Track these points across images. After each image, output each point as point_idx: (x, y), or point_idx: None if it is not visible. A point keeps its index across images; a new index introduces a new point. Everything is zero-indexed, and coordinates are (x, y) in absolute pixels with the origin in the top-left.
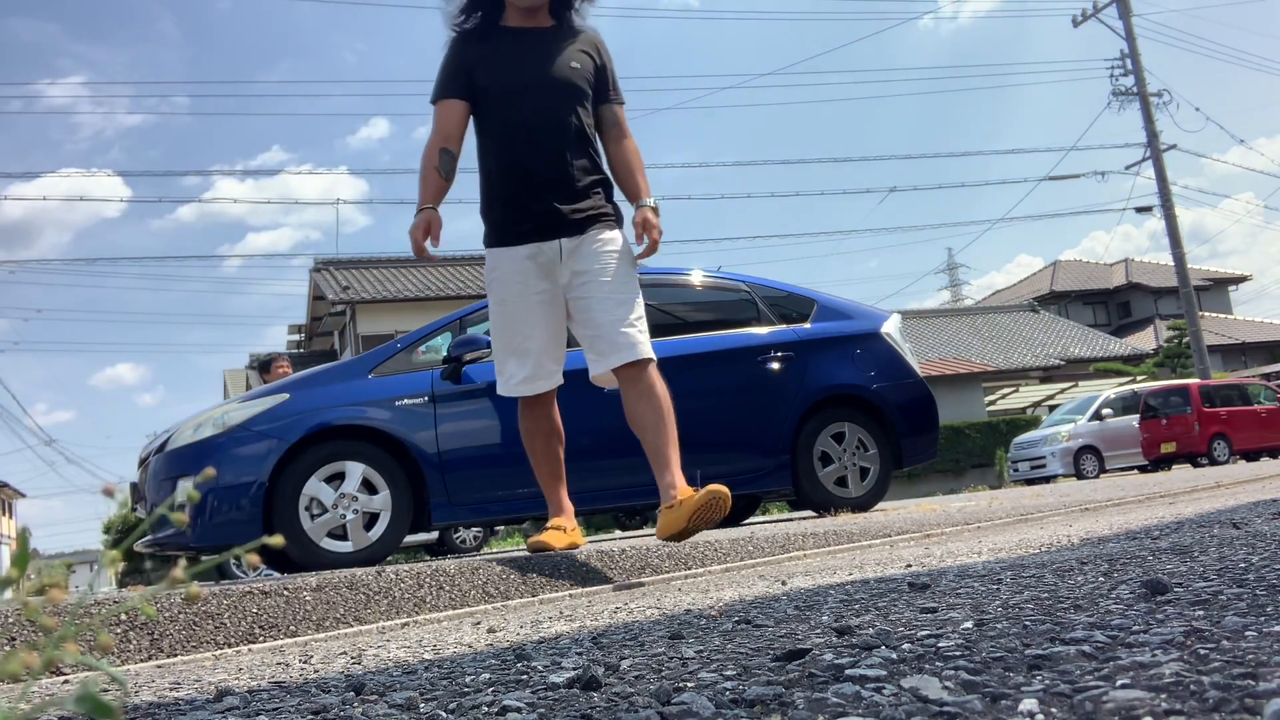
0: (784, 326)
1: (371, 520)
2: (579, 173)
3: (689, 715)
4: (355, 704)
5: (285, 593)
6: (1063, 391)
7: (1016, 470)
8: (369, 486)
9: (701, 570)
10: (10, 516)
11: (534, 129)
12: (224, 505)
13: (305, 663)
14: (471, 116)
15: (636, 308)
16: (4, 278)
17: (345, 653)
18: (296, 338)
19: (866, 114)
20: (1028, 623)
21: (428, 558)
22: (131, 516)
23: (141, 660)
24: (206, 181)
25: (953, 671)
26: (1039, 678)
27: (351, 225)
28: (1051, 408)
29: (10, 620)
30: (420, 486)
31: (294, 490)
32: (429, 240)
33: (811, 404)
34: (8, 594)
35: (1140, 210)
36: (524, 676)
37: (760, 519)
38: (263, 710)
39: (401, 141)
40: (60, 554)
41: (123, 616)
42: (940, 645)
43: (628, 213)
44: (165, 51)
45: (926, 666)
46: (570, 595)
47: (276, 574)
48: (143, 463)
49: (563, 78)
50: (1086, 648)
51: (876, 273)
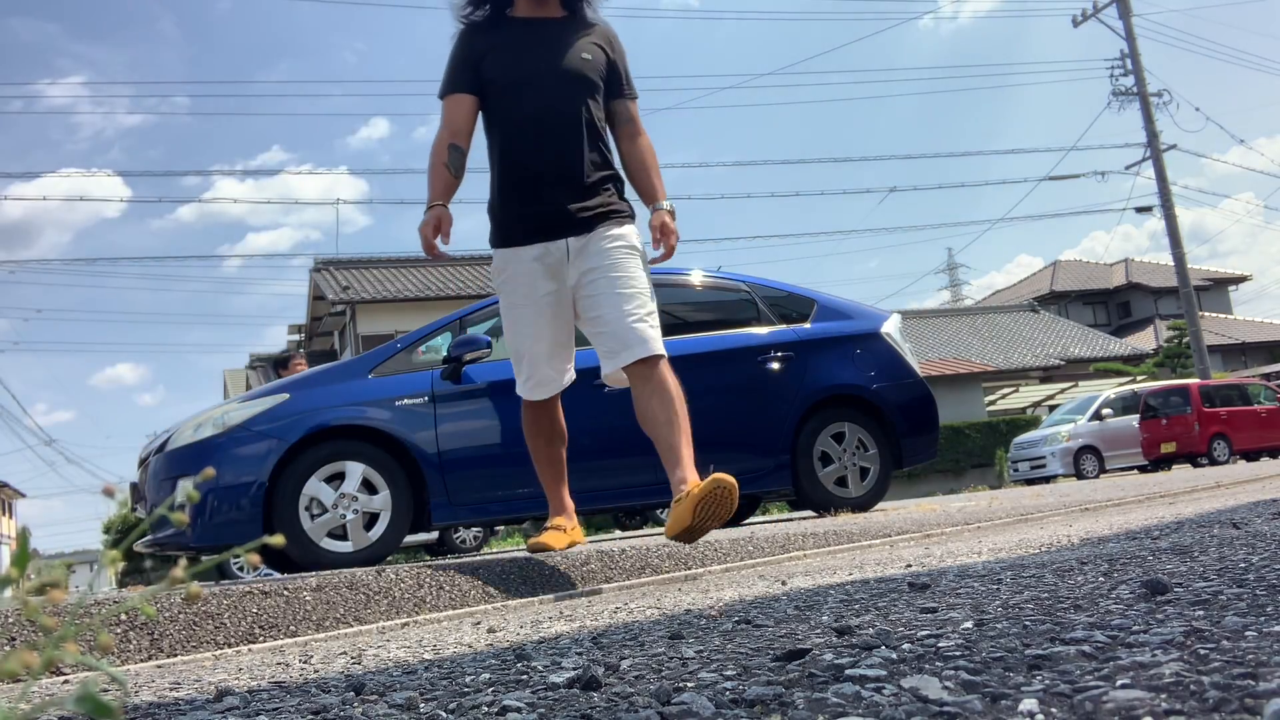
0: (784, 326)
1: (371, 520)
2: (589, 168)
3: (689, 715)
4: (355, 704)
5: (285, 593)
6: (1063, 391)
7: (1016, 470)
8: (369, 486)
9: (701, 570)
10: (10, 516)
11: (541, 122)
12: (224, 505)
13: (305, 663)
14: (481, 111)
15: (647, 303)
16: (4, 278)
17: (345, 653)
18: (296, 338)
19: (866, 114)
20: (1028, 623)
21: (428, 558)
22: (131, 516)
23: (141, 660)
24: (206, 181)
25: (953, 671)
26: (1039, 678)
27: (351, 225)
28: (1051, 408)
29: (10, 620)
30: (420, 486)
31: (294, 490)
32: (439, 238)
33: (811, 404)
34: (8, 594)
35: (1140, 210)
36: (524, 676)
37: (760, 519)
38: (263, 710)
39: (401, 141)
40: (60, 554)
41: (123, 616)
42: (940, 645)
43: (642, 213)
44: (165, 51)
45: (926, 666)
46: (570, 595)
47: (277, 574)
48: (143, 463)
49: (572, 69)
50: (1086, 648)
51: (876, 273)
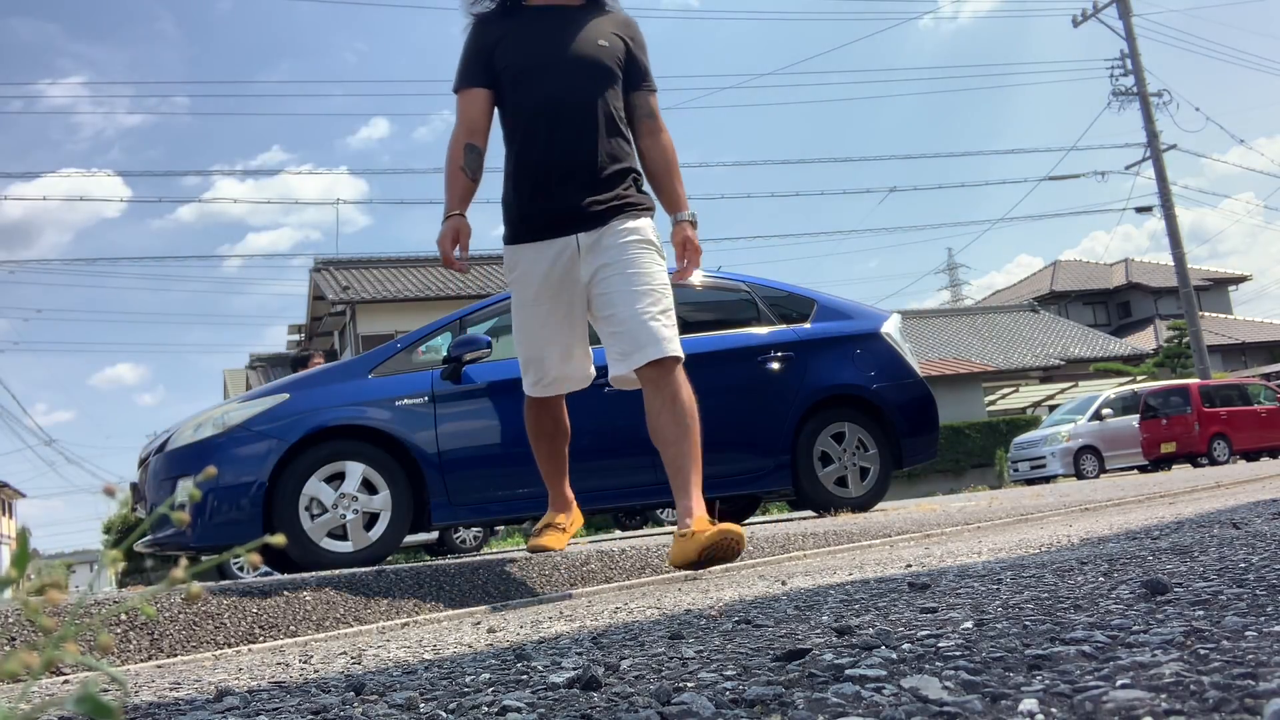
0: (784, 326)
1: (371, 520)
2: (603, 160)
3: (689, 715)
4: (355, 704)
5: (285, 593)
6: (1063, 391)
7: (1016, 470)
8: (369, 486)
9: (702, 570)
10: (10, 516)
11: (553, 110)
12: (224, 505)
13: (305, 663)
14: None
15: (662, 301)
16: (4, 278)
17: (345, 653)
18: (296, 338)
19: (866, 114)
20: (1028, 623)
21: (428, 558)
22: (131, 516)
23: (141, 660)
24: (206, 181)
25: (953, 671)
26: (1039, 678)
27: (351, 225)
28: (1051, 408)
29: (10, 620)
30: (420, 486)
31: (294, 490)
32: (458, 249)
33: (811, 404)
34: (7, 594)
35: (1140, 210)
36: (524, 676)
37: (760, 519)
38: (263, 710)
39: (401, 141)
40: (60, 554)
41: (123, 616)
42: (940, 645)
43: (661, 220)
44: (165, 51)
45: (926, 666)
46: (570, 595)
47: (277, 574)
48: (143, 463)
49: (587, 56)
50: (1086, 648)
51: (876, 273)
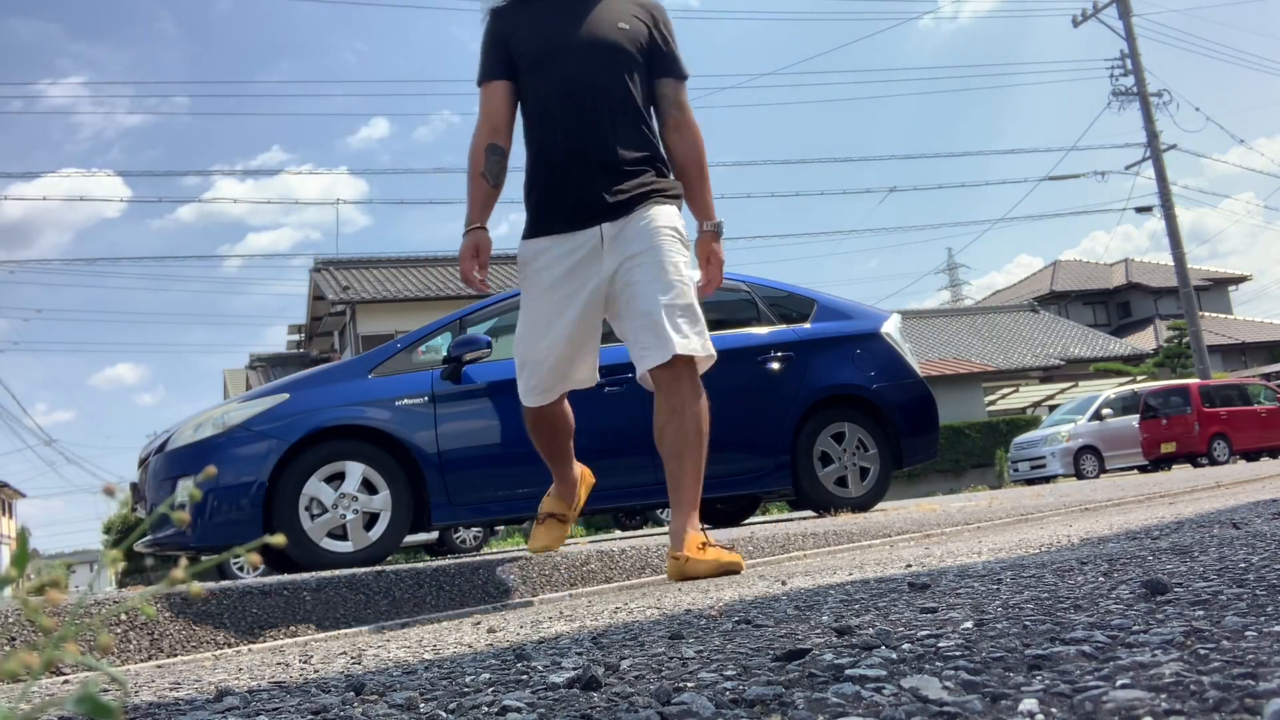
0: (784, 326)
1: (371, 520)
2: (626, 147)
3: (689, 715)
4: (355, 704)
5: (285, 593)
6: (1063, 391)
7: (1016, 470)
8: (369, 486)
9: None
10: (10, 516)
11: (571, 96)
12: (224, 505)
13: (305, 663)
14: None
15: (687, 294)
16: (4, 278)
17: (345, 653)
18: (296, 338)
19: (866, 114)
20: (1028, 623)
21: (428, 558)
22: (131, 516)
23: (141, 660)
24: (206, 181)
25: (953, 671)
26: (1039, 678)
27: (351, 225)
28: (1051, 408)
29: (10, 620)
30: (420, 486)
31: (294, 490)
32: (478, 267)
33: (811, 404)
34: (8, 594)
35: (1140, 210)
36: (524, 676)
37: (760, 519)
38: (263, 710)
39: (401, 141)
40: (60, 554)
41: (123, 616)
42: (940, 645)
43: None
44: (165, 51)
45: (926, 666)
46: (570, 595)
47: (277, 574)
48: (143, 463)
49: (606, 38)
50: (1086, 648)
51: (876, 273)
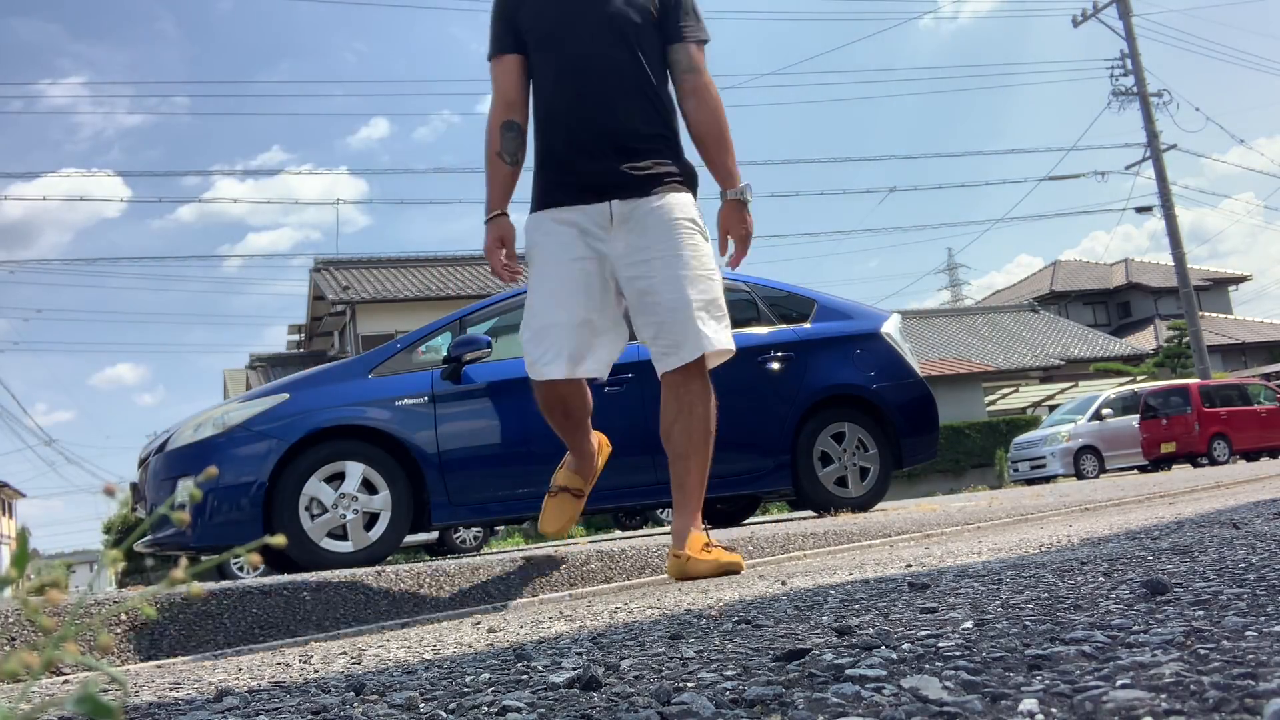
0: (784, 326)
1: (371, 520)
2: (637, 126)
3: (689, 715)
4: (355, 704)
5: (285, 593)
6: (1063, 391)
7: (1016, 470)
8: (369, 486)
9: None
10: (10, 516)
11: (581, 71)
12: (224, 505)
13: (305, 663)
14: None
15: (713, 289)
16: (4, 278)
17: (345, 653)
18: (296, 338)
19: (866, 114)
20: (1028, 623)
21: (428, 558)
22: (131, 516)
23: (141, 660)
24: (206, 181)
25: (953, 671)
26: (1039, 678)
27: (351, 225)
28: (1051, 408)
29: (10, 620)
30: (420, 486)
31: (294, 490)
32: (505, 255)
33: (811, 404)
34: (8, 593)
35: (1140, 210)
36: (524, 676)
37: (760, 519)
38: (263, 710)
39: (401, 141)
40: (60, 554)
41: (123, 616)
42: (940, 645)
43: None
44: (165, 51)
45: (926, 666)
46: (570, 595)
47: (277, 574)
48: (143, 463)
49: (617, 11)
50: (1086, 648)
51: (876, 273)
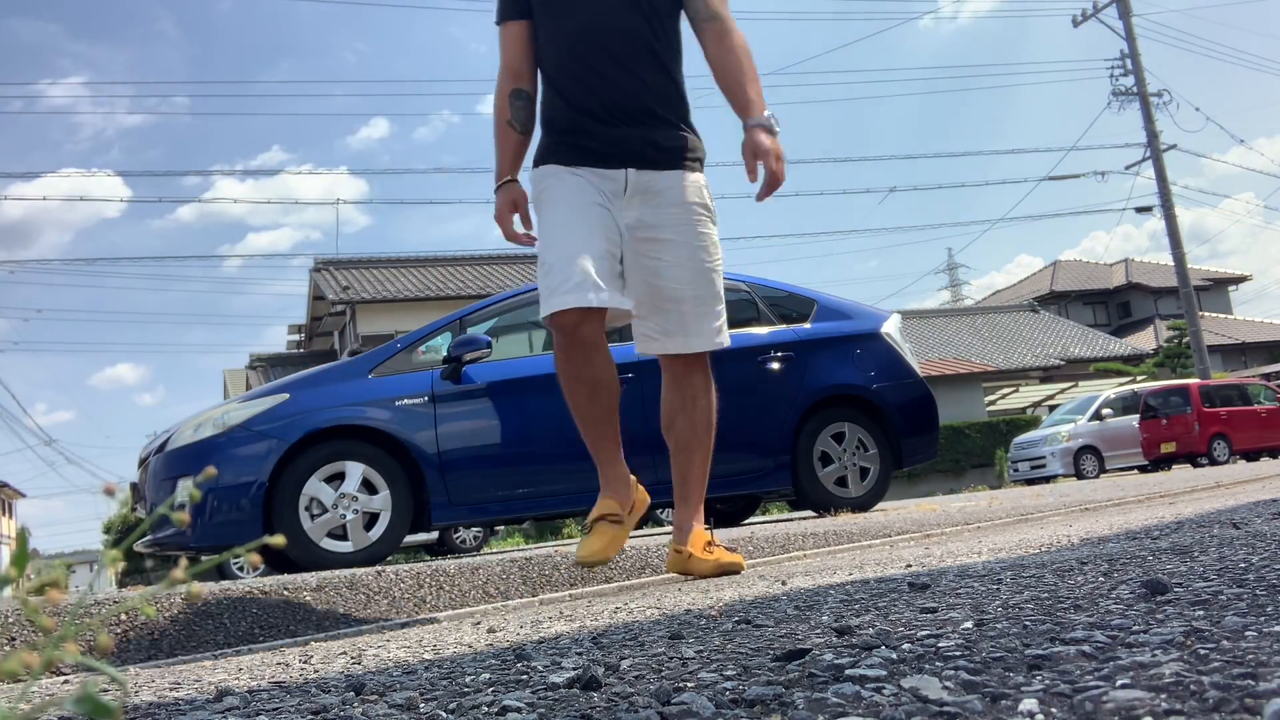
0: (784, 326)
1: (371, 520)
2: (649, 95)
3: (689, 715)
4: (355, 704)
5: (285, 593)
6: (1063, 391)
7: (1016, 470)
8: (369, 486)
9: None
10: (10, 516)
11: (590, 41)
12: (224, 505)
13: (305, 663)
14: None
15: (716, 282)
16: (4, 278)
17: (345, 653)
18: (296, 338)
19: (866, 114)
20: (1028, 623)
21: (428, 558)
22: (131, 516)
23: (141, 660)
24: (206, 181)
25: (953, 671)
26: (1039, 678)
27: (351, 225)
28: (1051, 408)
29: (10, 620)
30: (420, 486)
31: (294, 490)
32: (518, 220)
33: (811, 404)
34: (7, 593)
35: (1140, 210)
36: (524, 676)
37: (760, 519)
38: (263, 710)
39: (401, 141)
40: (60, 554)
41: (123, 616)
42: (940, 645)
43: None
44: (165, 51)
45: (926, 666)
46: (570, 595)
47: (277, 574)
48: (143, 463)
49: None
50: (1086, 648)
51: (876, 273)
